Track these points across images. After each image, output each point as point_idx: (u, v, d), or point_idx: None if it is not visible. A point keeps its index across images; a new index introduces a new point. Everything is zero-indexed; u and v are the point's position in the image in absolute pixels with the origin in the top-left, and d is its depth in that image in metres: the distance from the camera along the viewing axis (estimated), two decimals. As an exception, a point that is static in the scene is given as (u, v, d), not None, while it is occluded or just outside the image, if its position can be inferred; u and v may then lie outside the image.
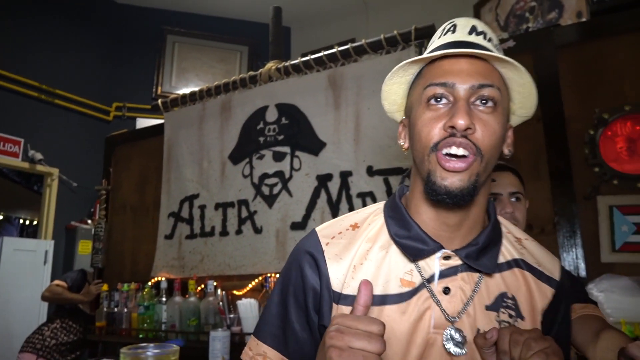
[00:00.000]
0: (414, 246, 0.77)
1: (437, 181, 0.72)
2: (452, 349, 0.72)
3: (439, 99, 0.74)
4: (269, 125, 2.77)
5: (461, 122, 0.69)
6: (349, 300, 0.76)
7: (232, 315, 2.47)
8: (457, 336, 0.73)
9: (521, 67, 0.74)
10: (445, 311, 0.75)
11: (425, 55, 0.77)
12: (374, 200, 2.37)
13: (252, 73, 2.88)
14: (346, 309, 0.75)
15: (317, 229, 0.86)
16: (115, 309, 2.88)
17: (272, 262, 2.58)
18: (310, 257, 0.81)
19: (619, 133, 1.96)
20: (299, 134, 2.66)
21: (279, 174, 2.68)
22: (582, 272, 1.90)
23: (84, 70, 5.50)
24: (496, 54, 0.74)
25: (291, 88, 2.73)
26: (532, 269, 0.81)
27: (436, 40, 0.81)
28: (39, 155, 4.78)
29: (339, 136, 2.52)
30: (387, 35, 2.40)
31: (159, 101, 3.24)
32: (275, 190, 2.69)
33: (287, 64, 2.72)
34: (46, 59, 5.13)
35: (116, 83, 5.76)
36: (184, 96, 3.14)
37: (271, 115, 2.77)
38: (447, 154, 0.71)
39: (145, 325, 2.72)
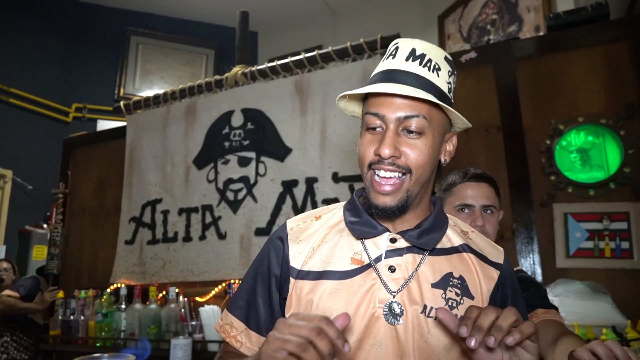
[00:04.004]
0: (362, 229, 0.89)
1: (372, 200, 0.85)
2: (390, 319, 0.82)
3: (374, 127, 0.85)
4: (234, 130, 2.75)
5: (386, 151, 0.81)
6: (310, 275, 0.88)
7: (194, 323, 2.42)
8: (395, 308, 0.82)
9: (439, 102, 0.82)
10: (387, 286, 0.84)
11: (365, 89, 0.86)
12: (339, 206, 2.38)
13: (218, 77, 2.85)
14: (305, 283, 0.87)
15: (288, 219, 1.00)
16: (72, 317, 2.77)
17: (235, 268, 2.55)
18: (278, 241, 0.94)
19: (573, 143, 2.05)
20: (264, 139, 2.65)
21: (244, 179, 2.66)
22: (539, 277, 1.97)
23: (42, 68, 5.30)
24: (414, 94, 0.80)
25: (257, 93, 2.72)
26: (477, 253, 0.91)
27: (381, 63, 0.90)
28: (-10, 157, 4.58)
29: (305, 142, 2.53)
30: (354, 43, 2.43)
31: (122, 103, 3.16)
32: (240, 195, 2.66)
33: (253, 68, 2.71)
34: (1, 55, 4.92)
35: (76, 83, 5.57)
36: (147, 99, 3.07)
37: (237, 120, 2.75)
38: (378, 175, 0.84)
39: (103, 333, 2.63)
